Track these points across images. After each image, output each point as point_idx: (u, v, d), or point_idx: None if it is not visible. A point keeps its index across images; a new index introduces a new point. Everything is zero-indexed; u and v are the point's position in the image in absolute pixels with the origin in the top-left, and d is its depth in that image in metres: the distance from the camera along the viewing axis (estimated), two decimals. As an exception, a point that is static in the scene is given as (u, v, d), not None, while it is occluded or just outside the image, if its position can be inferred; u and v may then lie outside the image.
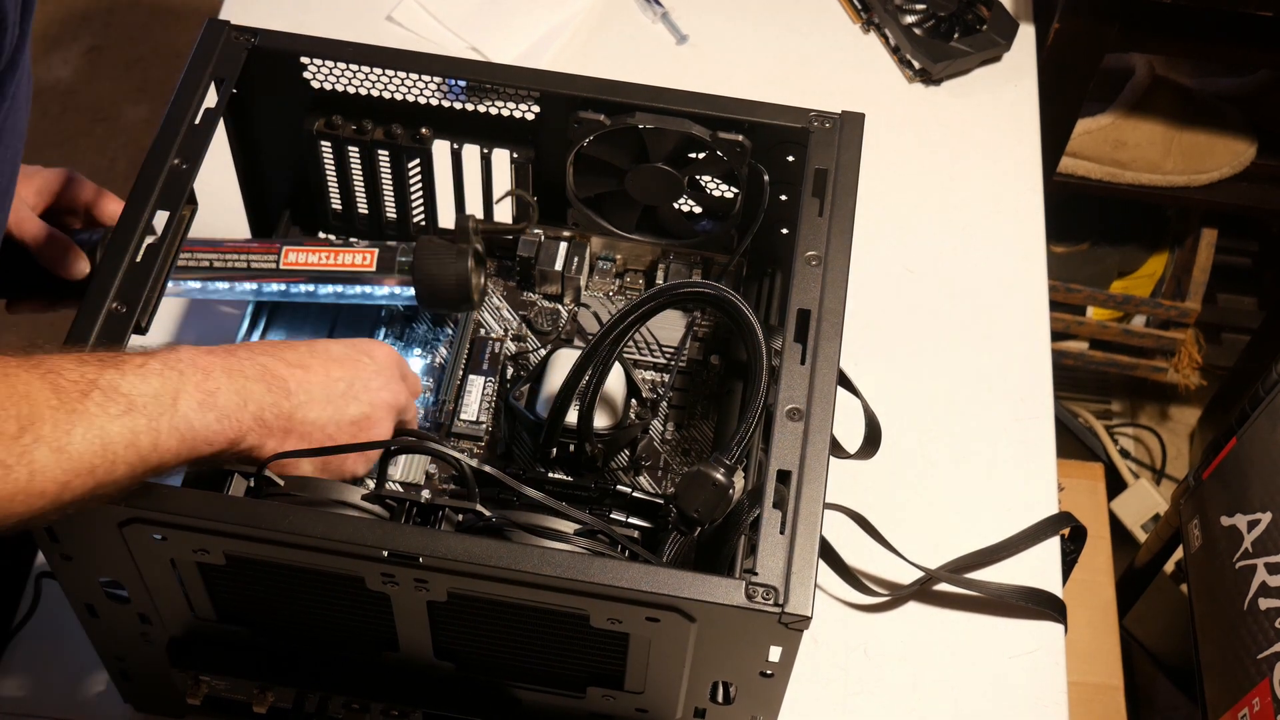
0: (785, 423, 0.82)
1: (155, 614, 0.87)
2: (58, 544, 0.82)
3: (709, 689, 0.85)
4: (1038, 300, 1.27)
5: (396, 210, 1.10)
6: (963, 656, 1.06)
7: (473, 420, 1.03)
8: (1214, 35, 1.54)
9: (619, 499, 0.95)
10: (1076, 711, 1.09)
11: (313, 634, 0.88)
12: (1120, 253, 2.09)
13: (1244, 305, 2.13)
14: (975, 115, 1.41)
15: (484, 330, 1.09)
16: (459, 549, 0.76)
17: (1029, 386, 1.21)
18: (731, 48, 1.45)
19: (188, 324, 1.18)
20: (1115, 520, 1.89)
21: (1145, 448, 2.13)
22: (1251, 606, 1.21)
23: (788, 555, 0.76)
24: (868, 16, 1.47)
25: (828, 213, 0.91)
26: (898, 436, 1.11)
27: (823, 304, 0.87)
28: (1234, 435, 1.29)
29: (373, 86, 1.02)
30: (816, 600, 0.75)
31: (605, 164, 1.03)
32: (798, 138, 0.98)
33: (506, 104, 1.03)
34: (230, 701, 0.92)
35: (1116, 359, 2.05)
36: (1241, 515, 1.25)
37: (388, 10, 1.45)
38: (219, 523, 0.77)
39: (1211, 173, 1.80)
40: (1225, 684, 1.23)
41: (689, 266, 1.09)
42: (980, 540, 1.10)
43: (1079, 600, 1.30)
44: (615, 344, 0.93)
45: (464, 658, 0.86)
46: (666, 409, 1.04)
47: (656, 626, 0.77)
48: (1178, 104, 1.79)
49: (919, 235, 1.31)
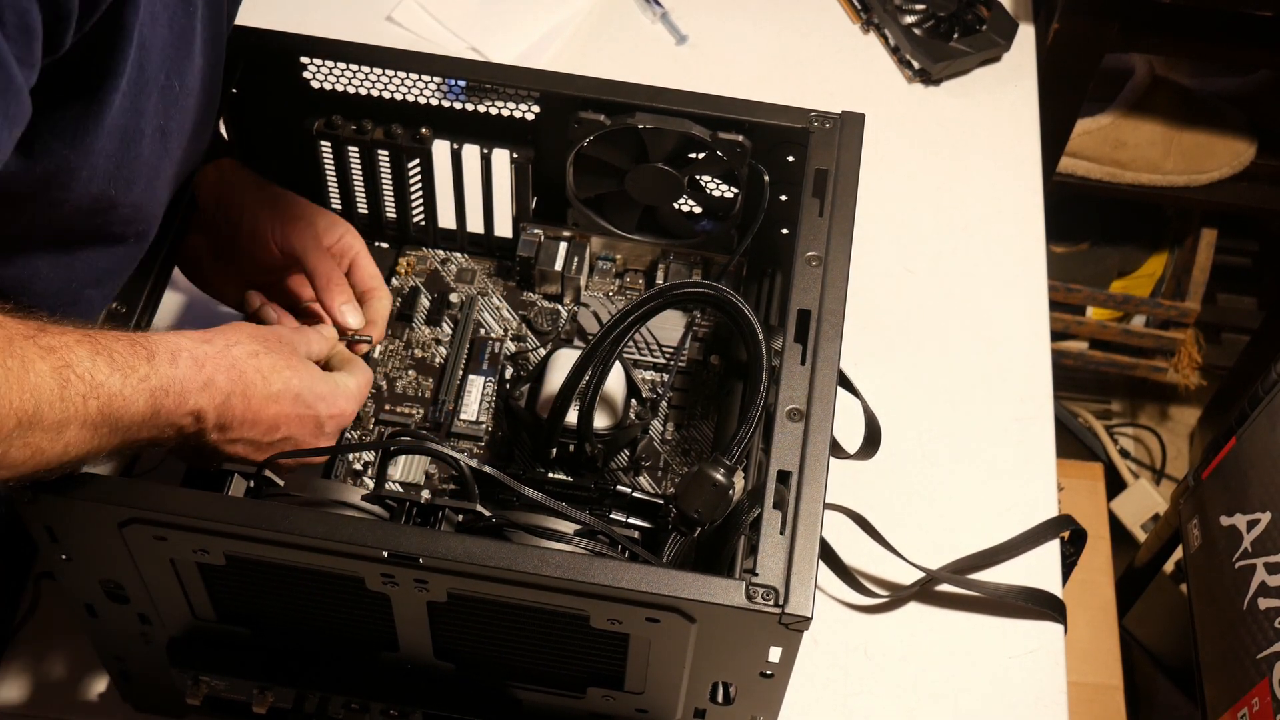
0: (785, 423, 0.82)
1: (155, 614, 0.87)
2: (58, 544, 0.82)
3: (709, 689, 0.85)
4: (1037, 300, 1.27)
5: (396, 210, 1.10)
6: (963, 656, 1.06)
7: (473, 420, 1.03)
8: (1214, 35, 1.54)
9: (619, 499, 0.95)
10: (1076, 711, 1.09)
11: (313, 634, 0.88)
12: (1120, 253, 2.09)
13: (1244, 305, 2.13)
14: (975, 115, 1.41)
15: (484, 330, 1.09)
16: (459, 549, 0.76)
17: (1029, 386, 1.21)
18: (731, 48, 1.45)
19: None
20: (1115, 520, 1.89)
21: (1145, 448, 2.14)
22: (1251, 606, 1.21)
23: (788, 556, 0.76)
24: (868, 16, 1.47)
25: (828, 213, 0.91)
26: (898, 436, 1.11)
27: (823, 304, 0.87)
28: (1233, 435, 1.29)
29: (373, 86, 1.02)
30: (816, 601, 0.75)
31: (605, 164, 1.03)
32: (798, 138, 0.98)
33: (506, 104, 1.03)
34: (230, 701, 0.92)
35: (1116, 359, 2.06)
36: (1241, 515, 1.25)
37: (388, 10, 1.45)
38: (219, 523, 0.77)
39: (1211, 173, 1.80)
40: (1225, 684, 1.23)
41: (689, 266, 1.09)
42: (980, 540, 1.10)
43: (1079, 600, 1.30)
44: (615, 344, 0.92)
45: (464, 658, 0.86)
46: (666, 409, 1.04)
47: (656, 627, 0.77)
48: (1177, 104, 1.79)
49: (919, 235, 1.31)
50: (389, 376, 1.06)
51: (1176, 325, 1.99)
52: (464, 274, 1.12)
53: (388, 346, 1.07)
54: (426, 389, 1.05)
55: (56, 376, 0.71)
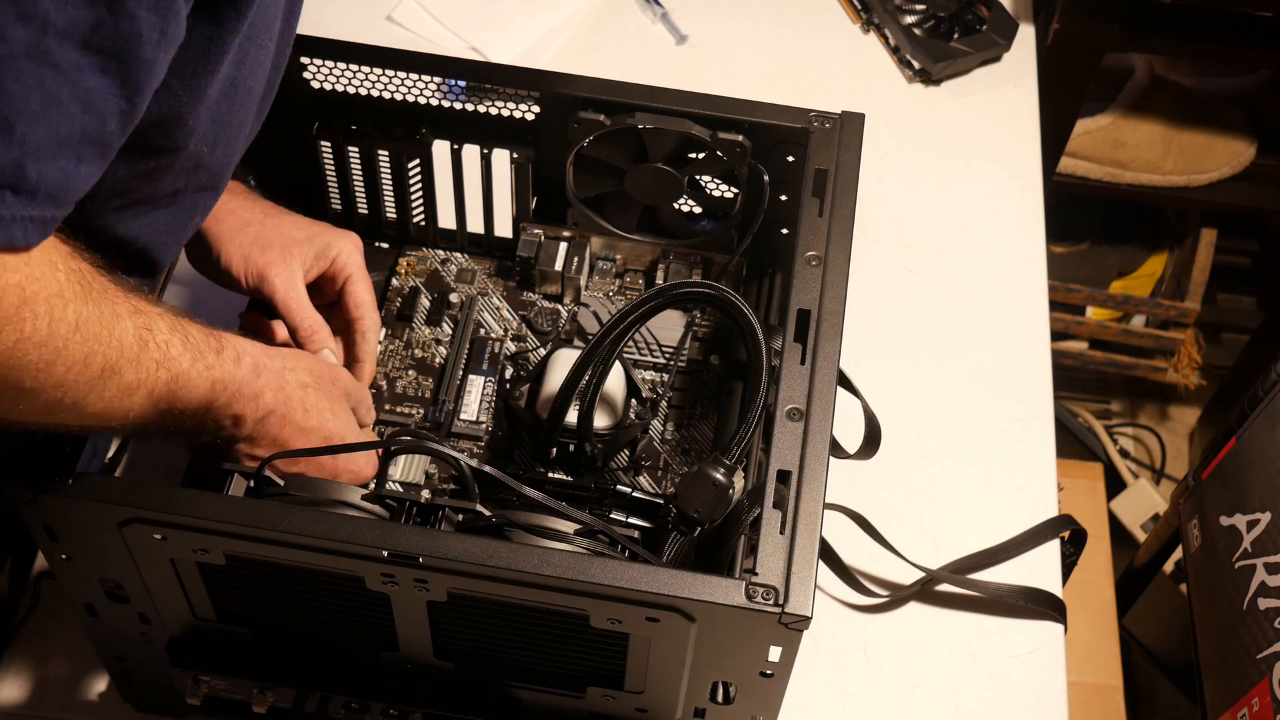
0: (785, 423, 0.82)
1: (155, 614, 0.87)
2: (58, 544, 0.82)
3: (709, 689, 0.85)
4: (1037, 300, 1.27)
5: (396, 210, 1.10)
6: (963, 656, 1.06)
7: (473, 420, 1.03)
8: (1214, 35, 1.54)
9: (619, 499, 0.95)
10: (1076, 711, 1.09)
11: (313, 634, 0.88)
12: (1120, 253, 2.09)
13: (1243, 305, 2.14)
14: (975, 115, 1.41)
15: (484, 330, 1.09)
16: (459, 549, 0.76)
17: (1029, 386, 1.21)
18: (731, 48, 1.45)
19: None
20: (1115, 520, 1.89)
21: (1145, 448, 2.14)
22: (1251, 606, 1.21)
23: (788, 555, 0.76)
24: (868, 16, 1.47)
25: (828, 213, 0.91)
26: (898, 436, 1.11)
27: (823, 304, 0.87)
28: (1233, 435, 1.29)
29: (372, 87, 1.02)
30: (816, 600, 0.75)
31: (605, 164, 1.03)
32: (798, 138, 0.98)
33: (506, 104, 1.03)
34: (230, 701, 0.92)
35: (1116, 359, 2.06)
36: (1241, 515, 1.25)
37: (388, 10, 1.45)
38: (219, 523, 0.77)
39: (1211, 173, 1.80)
40: (1224, 683, 1.23)
41: (689, 266, 1.09)
42: (980, 540, 1.10)
43: (1079, 600, 1.30)
44: (615, 344, 0.92)
45: (464, 658, 0.86)
46: (666, 409, 1.04)
47: (656, 626, 0.77)
48: (1177, 104, 1.79)
49: (919, 235, 1.31)
50: (389, 376, 1.06)
51: (1176, 325, 1.99)
52: (464, 274, 1.12)
53: (388, 346, 1.07)
54: (426, 389, 1.05)
55: (138, 337, 0.72)
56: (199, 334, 0.78)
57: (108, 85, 0.64)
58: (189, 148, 0.79)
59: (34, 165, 0.62)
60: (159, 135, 0.76)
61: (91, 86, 0.63)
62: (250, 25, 0.75)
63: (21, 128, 0.61)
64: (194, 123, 0.77)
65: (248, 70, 0.78)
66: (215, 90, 0.76)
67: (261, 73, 0.81)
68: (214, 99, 0.77)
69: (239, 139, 0.84)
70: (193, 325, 0.78)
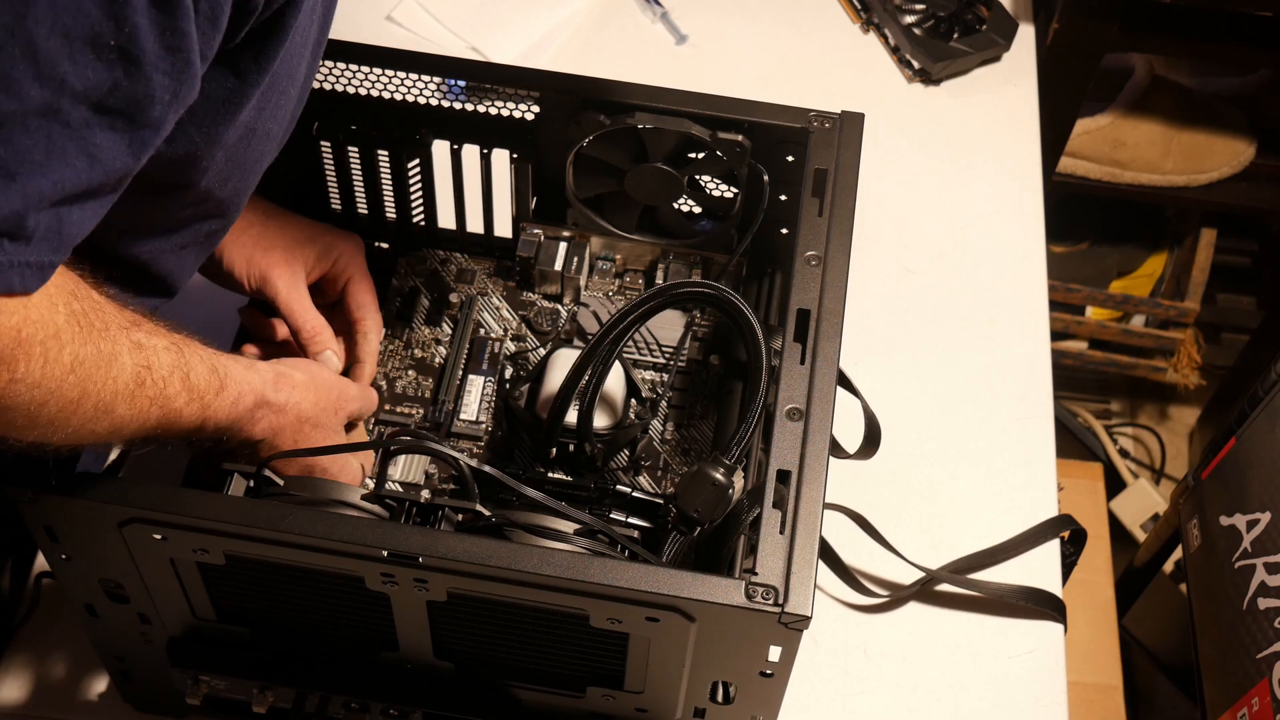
0: (785, 423, 0.82)
1: (155, 614, 0.87)
2: (58, 544, 0.82)
3: (709, 689, 0.85)
4: (1037, 300, 1.27)
5: (396, 210, 1.10)
6: (963, 656, 1.06)
7: (472, 420, 1.03)
8: (1214, 35, 1.54)
9: (619, 499, 0.95)
10: (1076, 711, 1.09)
11: (312, 634, 0.88)
12: (1119, 252, 2.09)
13: (1243, 305, 2.14)
14: (975, 115, 1.41)
15: (484, 330, 1.09)
16: (459, 549, 0.76)
17: (1029, 386, 1.21)
18: (731, 48, 1.45)
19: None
20: (1115, 520, 1.89)
21: (1144, 447, 2.14)
22: (1250, 606, 1.21)
23: (787, 555, 0.76)
24: (868, 16, 1.47)
25: (827, 213, 0.91)
26: (898, 436, 1.11)
27: (822, 304, 0.87)
28: (1233, 435, 1.29)
29: (372, 87, 1.02)
30: (816, 600, 0.75)
31: (605, 164, 1.03)
32: (797, 138, 0.98)
33: (506, 104, 1.03)
34: (230, 701, 0.92)
35: (1116, 359, 2.06)
36: (1240, 515, 1.25)
37: (388, 10, 1.45)
38: (219, 523, 0.77)
39: (1211, 173, 1.80)
40: (1224, 683, 1.23)
41: (689, 266, 1.09)
42: (980, 540, 1.10)
43: (1079, 600, 1.30)
44: (615, 344, 0.92)
45: (464, 658, 0.86)
46: (666, 409, 1.04)
47: (656, 626, 0.77)
48: (1177, 104, 1.79)
49: (919, 235, 1.31)
50: (389, 376, 1.06)
51: (1176, 325, 1.99)
52: (464, 274, 1.12)
53: (387, 346, 1.07)
54: (426, 389, 1.05)
55: (135, 376, 0.73)
56: (202, 371, 0.79)
57: (114, 142, 0.65)
58: (200, 185, 0.79)
59: (34, 215, 0.62)
60: (171, 174, 0.77)
61: (98, 143, 0.64)
62: (273, 75, 0.75)
63: (24, 179, 0.61)
64: (208, 164, 0.78)
65: (268, 115, 0.79)
66: (233, 135, 0.77)
67: (283, 115, 0.82)
68: (231, 142, 0.78)
69: (253, 175, 0.85)
70: (198, 360, 0.78)
